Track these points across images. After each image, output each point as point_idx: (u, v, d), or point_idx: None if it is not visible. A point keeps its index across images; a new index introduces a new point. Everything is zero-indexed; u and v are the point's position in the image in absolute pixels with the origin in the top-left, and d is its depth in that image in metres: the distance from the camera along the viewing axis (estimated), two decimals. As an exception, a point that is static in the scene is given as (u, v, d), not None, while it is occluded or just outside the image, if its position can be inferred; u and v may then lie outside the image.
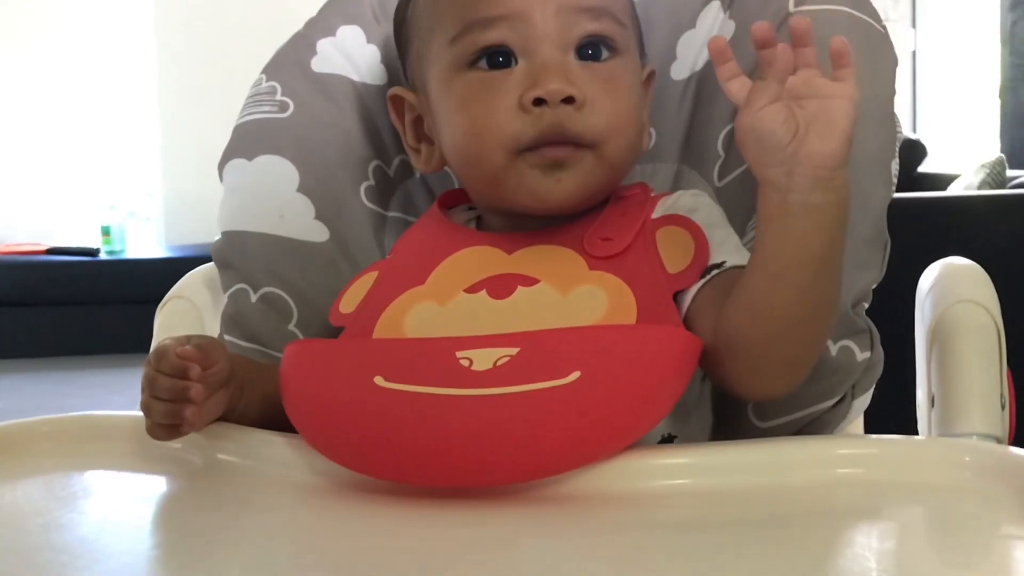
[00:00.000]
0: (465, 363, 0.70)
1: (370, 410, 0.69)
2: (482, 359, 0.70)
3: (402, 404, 0.68)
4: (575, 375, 0.67)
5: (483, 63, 0.81)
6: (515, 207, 0.82)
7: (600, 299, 0.76)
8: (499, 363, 0.69)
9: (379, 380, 0.70)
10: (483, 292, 0.80)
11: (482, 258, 0.83)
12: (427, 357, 0.72)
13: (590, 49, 0.81)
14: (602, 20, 0.81)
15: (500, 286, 0.80)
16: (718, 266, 0.77)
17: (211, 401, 0.74)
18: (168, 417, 0.72)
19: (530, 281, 0.80)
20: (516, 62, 0.80)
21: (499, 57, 0.80)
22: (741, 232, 0.86)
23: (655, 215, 0.82)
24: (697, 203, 0.84)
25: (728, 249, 0.79)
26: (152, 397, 0.72)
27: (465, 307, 0.80)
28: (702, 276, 0.77)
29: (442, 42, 0.83)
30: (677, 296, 0.77)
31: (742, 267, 0.75)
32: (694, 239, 0.78)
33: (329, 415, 0.71)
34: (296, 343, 0.79)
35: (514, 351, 0.70)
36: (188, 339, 0.74)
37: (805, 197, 0.67)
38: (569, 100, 0.78)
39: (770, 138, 0.67)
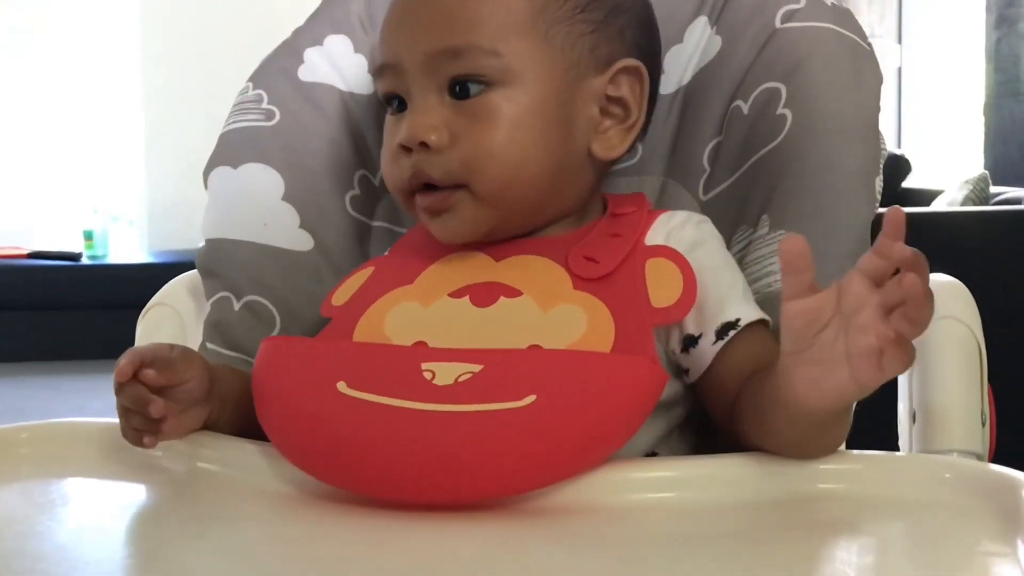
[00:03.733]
0: (428, 375, 0.70)
1: (328, 417, 0.70)
2: (444, 373, 0.70)
3: (359, 413, 0.69)
4: (530, 399, 0.67)
5: (393, 105, 0.84)
6: None
7: (579, 321, 0.76)
8: (460, 379, 0.70)
9: (341, 386, 0.70)
10: (466, 298, 0.80)
11: (470, 263, 0.83)
12: (392, 365, 0.72)
13: (459, 87, 0.80)
14: (465, 58, 0.79)
15: (483, 294, 0.80)
16: (734, 325, 0.76)
17: (188, 415, 0.74)
18: (145, 424, 0.72)
19: (513, 292, 0.79)
20: (406, 107, 0.82)
21: (394, 102, 0.83)
22: (727, 245, 0.86)
23: (650, 238, 0.82)
24: (701, 235, 0.82)
25: (738, 298, 0.78)
26: (122, 405, 0.73)
27: (446, 311, 0.80)
28: (718, 336, 0.76)
29: None
30: (670, 332, 0.78)
31: (760, 322, 0.77)
32: (683, 278, 0.77)
33: (290, 418, 0.72)
34: (273, 338, 0.79)
35: (477, 368, 0.70)
36: (171, 348, 0.74)
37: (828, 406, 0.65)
38: (425, 145, 0.79)
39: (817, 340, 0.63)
